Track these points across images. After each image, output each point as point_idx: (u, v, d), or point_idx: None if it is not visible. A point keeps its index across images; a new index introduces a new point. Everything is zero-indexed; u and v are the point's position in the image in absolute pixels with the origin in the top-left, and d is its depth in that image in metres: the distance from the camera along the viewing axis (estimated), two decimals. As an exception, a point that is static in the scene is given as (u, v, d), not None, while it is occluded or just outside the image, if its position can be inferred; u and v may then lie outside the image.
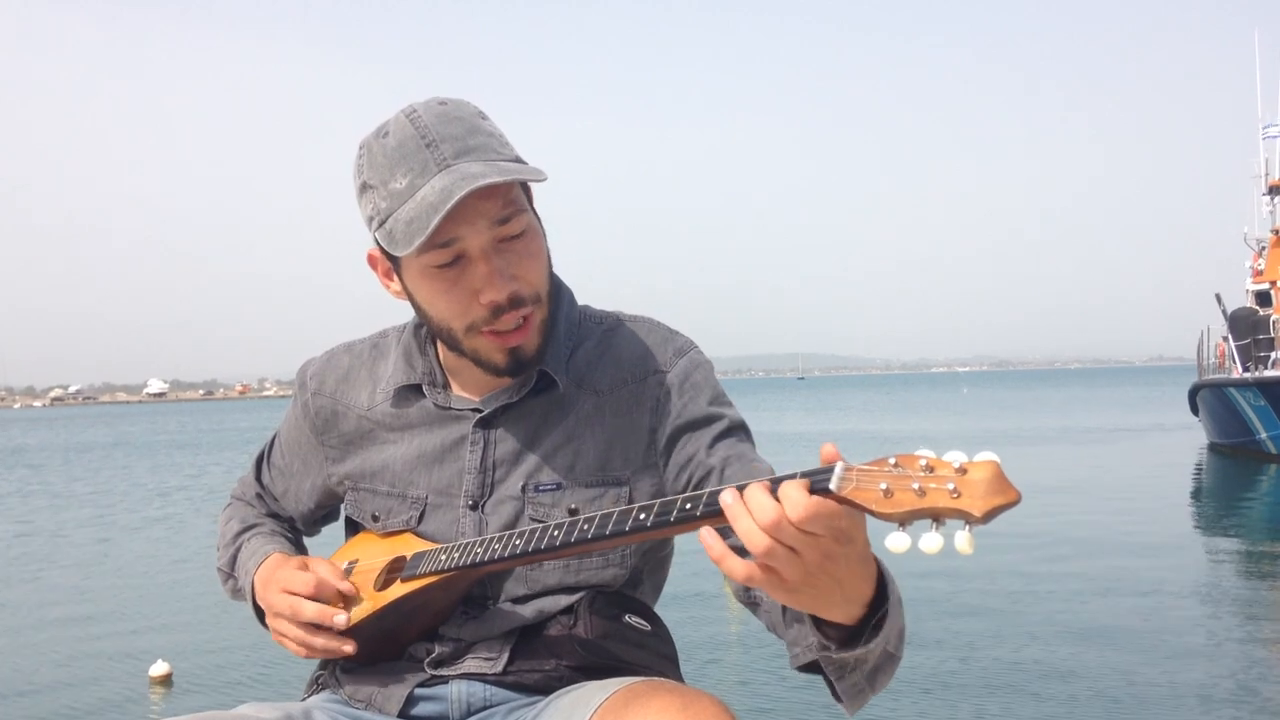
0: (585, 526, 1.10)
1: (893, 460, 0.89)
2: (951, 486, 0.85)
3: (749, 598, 1.23)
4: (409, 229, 1.15)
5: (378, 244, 1.24)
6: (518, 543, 1.17)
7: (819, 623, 1.03)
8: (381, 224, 1.19)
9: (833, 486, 0.89)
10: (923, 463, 0.87)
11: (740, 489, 0.94)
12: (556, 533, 1.13)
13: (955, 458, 0.87)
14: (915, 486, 0.86)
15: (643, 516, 1.05)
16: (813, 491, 0.90)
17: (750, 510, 0.91)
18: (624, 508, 1.08)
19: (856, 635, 1.01)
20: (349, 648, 1.25)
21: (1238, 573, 7.76)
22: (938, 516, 0.87)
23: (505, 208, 1.19)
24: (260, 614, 1.37)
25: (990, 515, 0.85)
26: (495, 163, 1.16)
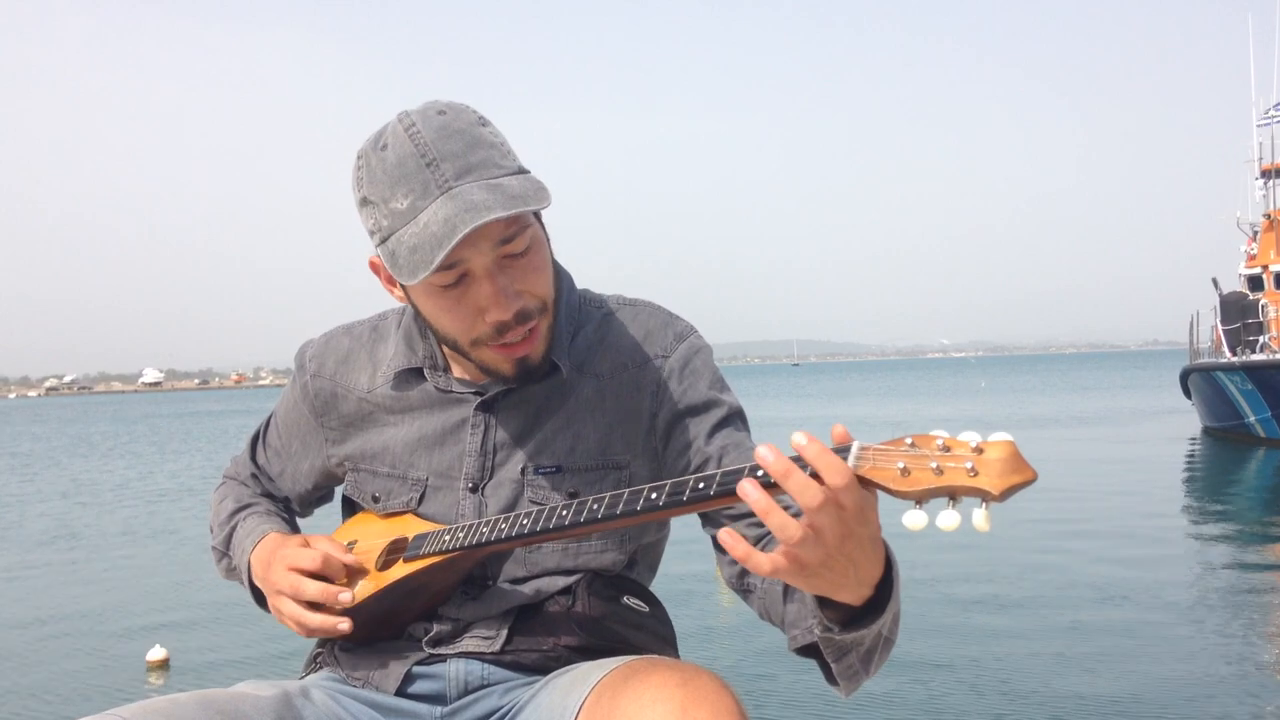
0: (595, 506, 1.10)
1: (909, 440, 0.90)
2: (970, 465, 0.86)
3: (742, 585, 1.24)
4: (413, 258, 1.13)
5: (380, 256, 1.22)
6: (524, 523, 1.17)
7: (821, 604, 1.04)
8: (384, 241, 1.17)
9: (849, 465, 0.90)
10: (939, 442, 0.88)
11: (757, 477, 0.94)
12: (565, 512, 1.13)
13: (970, 438, 0.88)
14: (933, 465, 0.87)
15: (654, 496, 1.05)
16: None
17: (794, 489, 0.90)
18: (634, 488, 1.07)
19: (859, 617, 1.02)
20: (344, 626, 1.24)
21: (1225, 556, 7.80)
22: (955, 495, 0.88)
23: (509, 228, 1.17)
24: (256, 593, 1.37)
25: (1008, 494, 0.85)
26: (499, 184, 1.13)
